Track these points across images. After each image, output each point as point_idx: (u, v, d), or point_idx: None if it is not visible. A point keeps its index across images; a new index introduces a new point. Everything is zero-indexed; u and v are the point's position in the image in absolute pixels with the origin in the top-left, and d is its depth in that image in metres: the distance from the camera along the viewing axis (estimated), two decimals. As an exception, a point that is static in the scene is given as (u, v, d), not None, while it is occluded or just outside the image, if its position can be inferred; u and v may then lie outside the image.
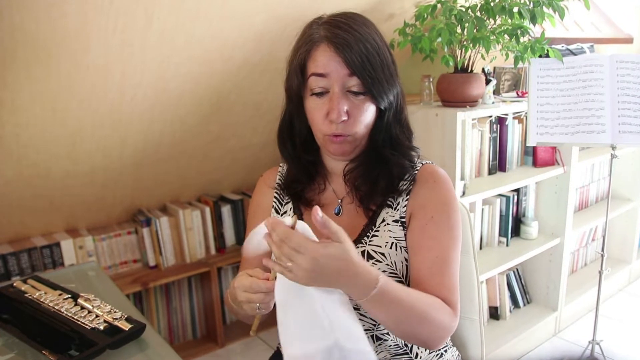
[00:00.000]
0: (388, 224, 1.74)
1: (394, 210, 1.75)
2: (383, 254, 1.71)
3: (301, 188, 1.86)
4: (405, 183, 1.76)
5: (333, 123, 1.63)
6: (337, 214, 1.83)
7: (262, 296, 1.47)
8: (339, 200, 1.84)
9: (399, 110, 1.75)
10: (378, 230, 1.75)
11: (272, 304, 1.51)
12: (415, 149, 1.82)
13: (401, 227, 1.74)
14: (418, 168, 1.79)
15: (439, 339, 1.58)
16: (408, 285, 1.72)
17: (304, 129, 1.77)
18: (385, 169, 1.75)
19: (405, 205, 1.75)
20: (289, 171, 1.90)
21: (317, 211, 1.33)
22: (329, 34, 1.60)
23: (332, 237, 1.34)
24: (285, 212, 1.90)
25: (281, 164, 1.99)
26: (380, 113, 1.71)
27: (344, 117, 1.61)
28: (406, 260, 1.74)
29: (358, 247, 1.73)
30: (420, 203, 1.74)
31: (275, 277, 1.45)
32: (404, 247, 1.74)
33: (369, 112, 1.67)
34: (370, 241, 1.73)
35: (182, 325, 4.06)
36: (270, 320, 1.51)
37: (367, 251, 1.72)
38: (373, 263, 1.70)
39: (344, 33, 1.59)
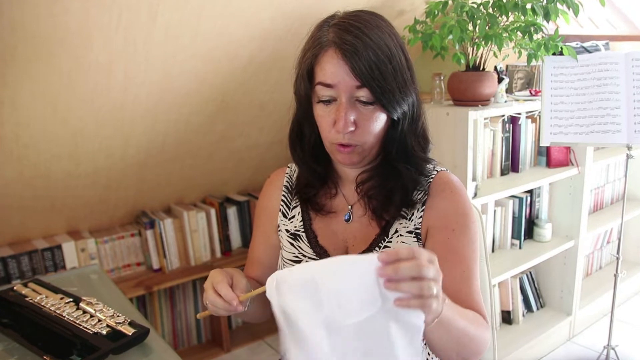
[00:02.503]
0: (401, 235, 1.72)
1: (408, 221, 1.73)
2: None
3: (314, 193, 1.84)
4: (419, 193, 1.74)
5: (340, 133, 1.59)
6: (347, 220, 1.81)
7: (214, 297, 1.48)
8: (350, 207, 1.82)
9: (415, 119, 1.70)
10: (390, 241, 1.72)
11: (220, 313, 1.54)
12: (431, 161, 1.79)
13: (415, 239, 1.72)
14: (433, 176, 1.76)
15: (478, 355, 1.55)
16: None
17: (314, 134, 1.74)
18: (399, 182, 1.71)
19: (420, 217, 1.72)
20: (301, 175, 1.88)
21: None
22: (337, 39, 1.55)
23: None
24: (293, 217, 1.89)
25: (289, 165, 1.97)
26: (393, 122, 1.67)
27: (350, 127, 1.57)
28: None
29: None
30: (437, 215, 1.71)
31: (245, 300, 1.48)
32: None
33: (379, 122, 1.62)
34: (382, 252, 1.70)
35: (187, 330, 4.06)
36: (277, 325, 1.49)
37: None
38: None
39: (353, 38, 1.53)
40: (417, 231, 1.72)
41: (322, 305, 1.24)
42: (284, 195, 1.92)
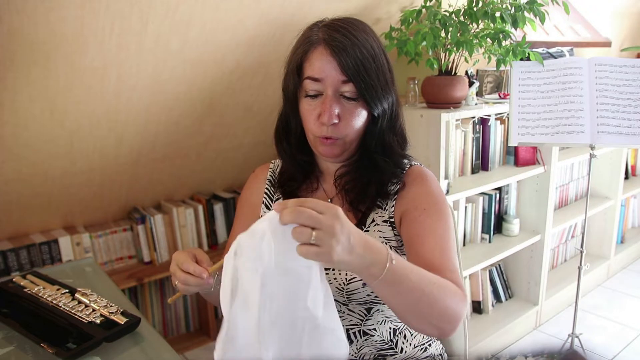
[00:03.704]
0: (378, 224, 1.74)
1: (384, 210, 1.75)
2: None
3: (296, 186, 1.86)
4: (393, 185, 1.76)
5: (324, 125, 1.62)
6: None
7: (184, 276, 1.46)
8: (329, 200, 1.83)
9: (394, 117, 1.73)
10: (368, 230, 1.74)
11: (192, 290, 1.51)
12: (409, 157, 1.82)
13: (390, 227, 1.74)
14: (406, 169, 1.78)
15: (451, 323, 1.44)
16: None
17: (299, 128, 1.76)
18: (376, 175, 1.74)
19: (393, 206, 1.74)
20: (284, 169, 1.89)
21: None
22: (326, 36, 1.59)
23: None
24: None
25: (272, 161, 1.98)
26: (373, 119, 1.70)
27: (334, 120, 1.60)
28: None
29: None
30: (409, 200, 1.72)
31: (215, 275, 1.45)
32: (394, 246, 1.73)
33: (361, 117, 1.65)
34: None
35: (176, 319, 4.06)
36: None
37: None
38: None
39: (341, 37, 1.57)
40: (392, 219, 1.74)
41: (263, 258, 1.20)
42: (267, 189, 1.93)
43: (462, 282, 1.57)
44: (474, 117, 3.49)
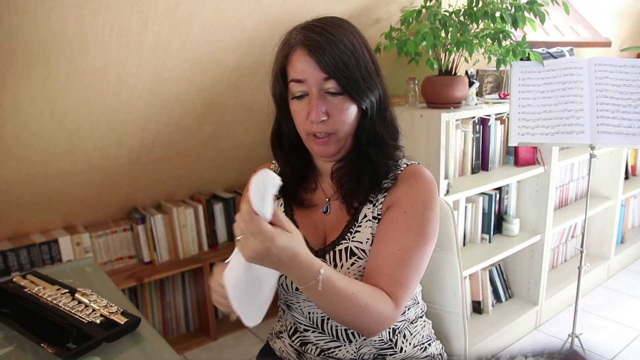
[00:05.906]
0: (369, 220, 1.74)
1: (374, 207, 1.75)
2: (364, 251, 1.71)
3: (295, 187, 1.87)
4: (388, 182, 1.76)
5: (313, 123, 1.64)
6: (325, 212, 1.83)
7: (220, 289, 1.48)
8: (327, 200, 1.85)
9: (383, 108, 1.75)
10: (360, 226, 1.74)
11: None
12: (400, 147, 1.82)
13: (378, 224, 1.74)
14: (402, 168, 1.78)
15: (376, 330, 1.58)
16: None
17: (293, 132, 1.78)
18: (370, 167, 1.75)
19: (382, 203, 1.74)
20: (283, 172, 1.90)
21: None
22: (303, 37, 1.63)
23: (281, 227, 1.30)
24: None
25: (273, 161, 1.99)
26: (363, 112, 1.71)
27: (322, 117, 1.63)
28: None
29: (342, 244, 1.74)
30: (396, 198, 1.72)
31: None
32: None
33: (350, 112, 1.67)
34: (353, 237, 1.73)
35: (176, 319, 4.06)
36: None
37: (350, 248, 1.72)
38: (355, 260, 1.70)
39: (316, 36, 1.60)
40: (379, 216, 1.74)
41: None
42: None
43: (402, 296, 1.62)
44: (474, 117, 3.49)
